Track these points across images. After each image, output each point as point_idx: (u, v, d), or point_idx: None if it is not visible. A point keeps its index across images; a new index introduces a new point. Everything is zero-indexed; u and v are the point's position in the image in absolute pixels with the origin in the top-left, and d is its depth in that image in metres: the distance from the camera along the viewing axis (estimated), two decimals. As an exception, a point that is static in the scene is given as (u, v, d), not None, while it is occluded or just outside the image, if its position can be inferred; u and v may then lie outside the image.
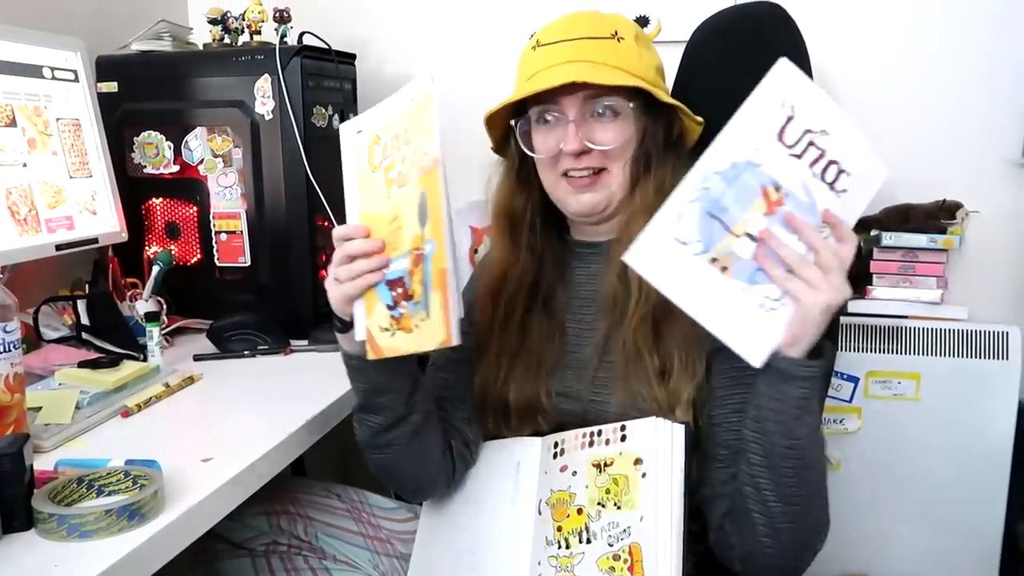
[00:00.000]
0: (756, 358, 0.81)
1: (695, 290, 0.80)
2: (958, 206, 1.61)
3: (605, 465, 0.92)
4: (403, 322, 0.87)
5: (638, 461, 0.90)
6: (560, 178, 1.02)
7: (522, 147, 1.04)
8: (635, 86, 0.96)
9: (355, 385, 0.99)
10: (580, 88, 0.97)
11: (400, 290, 0.87)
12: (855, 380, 1.63)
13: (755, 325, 0.81)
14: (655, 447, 0.89)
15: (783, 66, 0.80)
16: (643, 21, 1.12)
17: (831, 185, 0.80)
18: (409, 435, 0.99)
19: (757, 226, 0.80)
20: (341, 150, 0.94)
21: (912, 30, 1.65)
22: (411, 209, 0.86)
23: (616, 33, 1.00)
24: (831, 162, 0.80)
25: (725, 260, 0.80)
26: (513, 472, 1.02)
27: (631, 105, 0.98)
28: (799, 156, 0.79)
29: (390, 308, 0.88)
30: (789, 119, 0.79)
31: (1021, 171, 1.64)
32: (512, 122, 1.04)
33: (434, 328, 0.84)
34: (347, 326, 0.95)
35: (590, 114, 0.99)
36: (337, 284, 0.91)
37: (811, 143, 0.79)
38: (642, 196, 1.01)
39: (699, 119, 1.03)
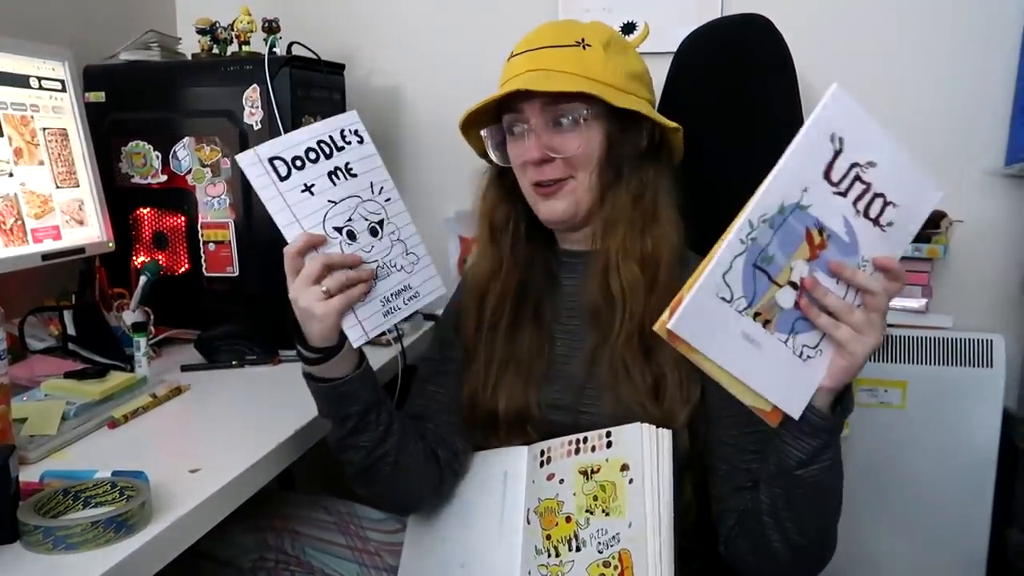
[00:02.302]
0: (796, 410, 0.79)
1: (737, 350, 0.76)
2: (942, 216, 1.63)
3: (592, 472, 0.92)
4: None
5: (624, 467, 0.90)
6: (531, 185, 1.02)
7: (492, 157, 1.05)
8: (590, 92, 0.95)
9: (344, 412, 0.95)
10: (537, 96, 0.96)
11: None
12: (842, 388, 1.64)
13: (795, 377, 0.78)
14: (641, 453, 0.90)
15: (837, 95, 0.73)
16: (629, 28, 1.12)
17: (875, 220, 0.76)
18: (397, 444, 0.99)
19: (800, 273, 0.76)
20: None
21: (896, 42, 1.67)
22: None
23: (582, 40, 0.99)
24: (876, 195, 0.76)
25: (768, 313, 0.76)
26: (500, 482, 1.01)
27: (588, 111, 0.97)
28: (844, 193, 0.75)
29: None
30: (837, 153, 0.74)
31: (1004, 181, 1.66)
32: (482, 133, 1.04)
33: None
34: (331, 352, 0.91)
35: (552, 123, 0.98)
36: (326, 299, 0.87)
37: (857, 177, 0.75)
38: (615, 204, 1.00)
39: (673, 124, 1.02)
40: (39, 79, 1.33)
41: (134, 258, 1.54)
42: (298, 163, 0.91)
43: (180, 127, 1.49)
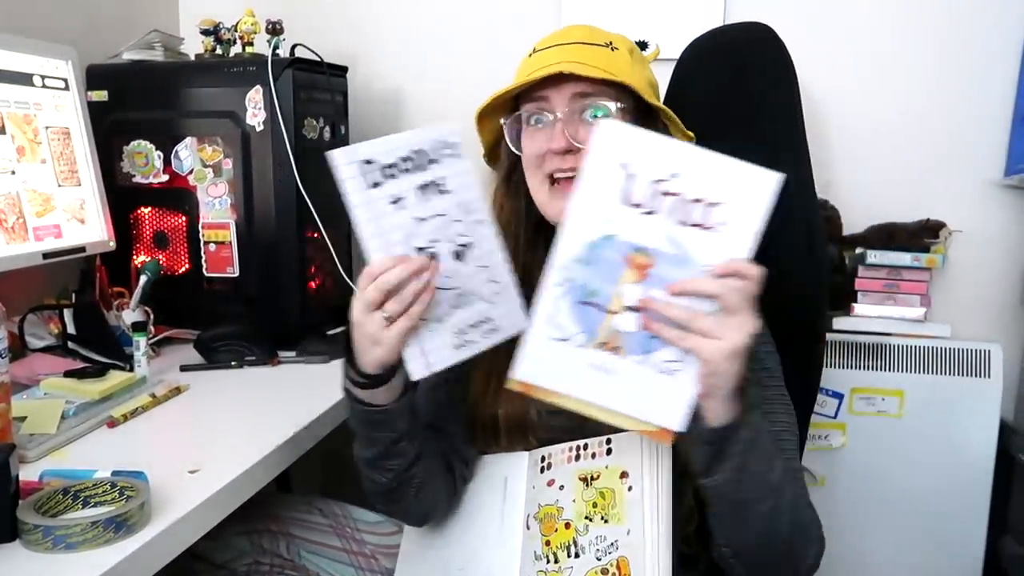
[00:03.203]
0: (676, 423, 0.79)
1: (591, 382, 0.79)
2: (941, 225, 1.64)
3: (592, 479, 0.92)
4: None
5: (624, 475, 0.90)
6: (544, 181, 1.01)
7: (510, 145, 1.03)
8: (624, 84, 0.96)
9: (374, 437, 0.93)
10: (568, 85, 0.97)
11: None
12: (840, 396, 1.64)
13: (663, 392, 0.79)
14: (640, 460, 0.90)
15: (604, 128, 0.76)
16: (642, 46, 1.13)
17: (701, 225, 0.76)
18: (424, 468, 0.98)
19: (633, 296, 0.77)
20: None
21: (898, 51, 1.68)
22: None
23: (610, 43, 1.01)
24: (693, 202, 0.75)
25: (614, 340, 0.78)
26: (501, 487, 1.01)
27: (619, 106, 0.98)
28: (654, 211, 0.76)
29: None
30: (630, 177, 0.75)
31: (1003, 191, 1.67)
32: (502, 121, 1.04)
33: None
34: (380, 380, 0.88)
35: (578, 113, 0.98)
36: (389, 326, 0.80)
37: (663, 192, 0.75)
38: None
39: (689, 132, 1.03)
40: (42, 77, 1.33)
41: (134, 257, 1.54)
42: (390, 171, 0.81)
43: (182, 127, 1.50)
